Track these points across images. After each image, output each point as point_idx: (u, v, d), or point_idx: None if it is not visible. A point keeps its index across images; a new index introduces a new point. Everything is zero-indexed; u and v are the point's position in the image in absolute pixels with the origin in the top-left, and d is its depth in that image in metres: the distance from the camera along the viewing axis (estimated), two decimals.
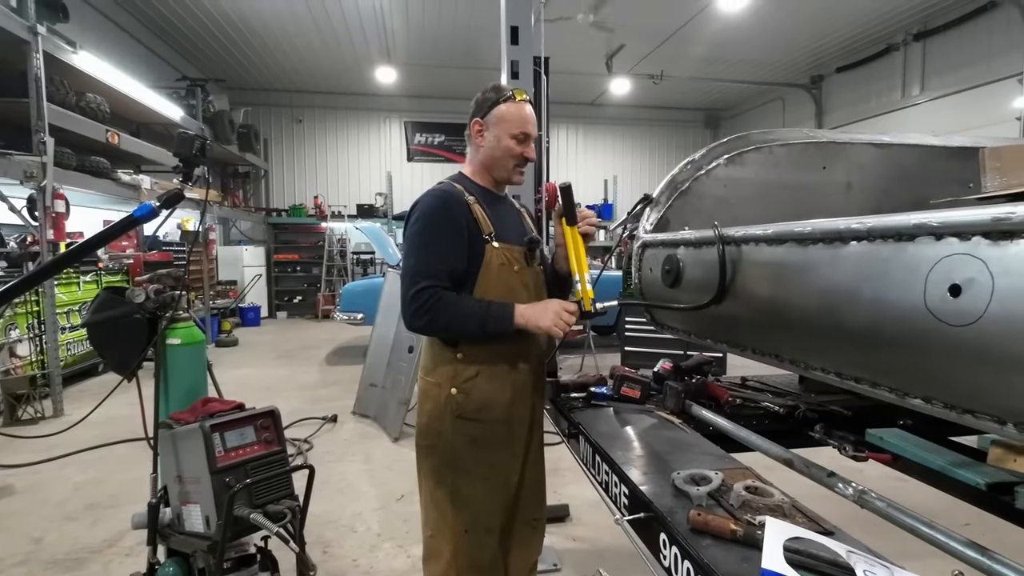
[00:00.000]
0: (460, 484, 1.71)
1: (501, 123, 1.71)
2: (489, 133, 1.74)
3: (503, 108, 1.71)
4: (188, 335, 2.31)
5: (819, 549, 0.94)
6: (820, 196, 1.88)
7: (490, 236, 1.69)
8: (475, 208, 1.69)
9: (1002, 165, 1.70)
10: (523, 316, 1.60)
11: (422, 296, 1.59)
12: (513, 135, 1.71)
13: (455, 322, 1.62)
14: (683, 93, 12.49)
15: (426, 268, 1.62)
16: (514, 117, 1.71)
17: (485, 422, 1.70)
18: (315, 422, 4.91)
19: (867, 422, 1.77)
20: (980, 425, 0.86)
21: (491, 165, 1.77)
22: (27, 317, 5.51)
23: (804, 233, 1.14)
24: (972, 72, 8.09)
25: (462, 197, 1.70)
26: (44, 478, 3.81)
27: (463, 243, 1.66)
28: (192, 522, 1.96)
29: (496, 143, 1.73)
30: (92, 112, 6.03)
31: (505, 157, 1.74)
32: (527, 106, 1.75)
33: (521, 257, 1.77)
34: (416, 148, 13.40)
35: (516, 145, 1.72)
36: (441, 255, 1.64)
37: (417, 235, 1.67)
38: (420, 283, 1.60)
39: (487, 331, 1.61)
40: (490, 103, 1.73)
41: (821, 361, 1.18)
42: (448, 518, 1.72)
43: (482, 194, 1.76)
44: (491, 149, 1.74)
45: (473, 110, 1.78)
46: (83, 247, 2.42)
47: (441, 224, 1.66)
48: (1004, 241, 0.76)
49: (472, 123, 1.77)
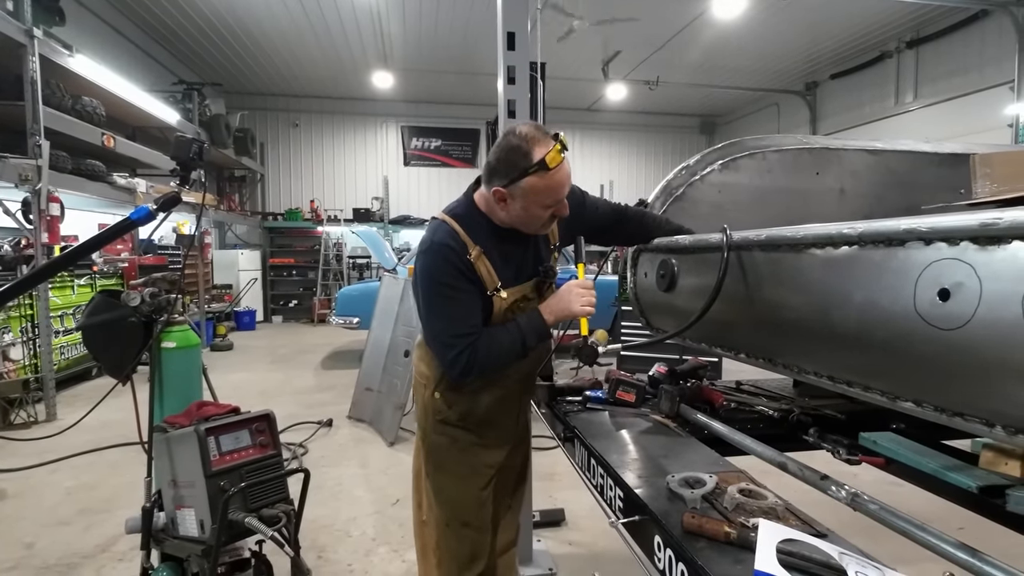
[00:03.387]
0: (440, 480, 1.78)
1: (531, 195, 1.46)
2: (516, 204, 1.49)
3: (534, 181, 1.43)
4: (183, 339, 2.30)
5: (812, 551, 0.95)
6: (814, 201, 1.90)
7: (497, 289, 1.59)
8: (479, 265, 1.55)
9: (992, 171, 1.72)
10: (552, 314, 1.59)
11: (461, 359, 1.52)
12: (546, 206, 1.49)
13: (500, 360, 1.58)
14: (679, 99, 12.55)
15: (452, 328, 1.55)
16: (549, 190, 1.45)
17: (465, 429, 1.75)
18: (310, 426, 4.89)
19: (860, 426, 1.78)
20: (969, 428, 0.87)
21: (519, 226, 1.58)
22: (20, 320, 5.47)
23: (797, 238, 1.15)
24: (964, 79, 8.16)
25: (465, 255, 1.52)
26: (36, 483, 3.78)
27: (476, 293, 1.57)
28: (186, 526, 1.96)
29: (524, 213, 1.51)
30: (88, 115, 6.02)
31: (535, 222, 1.55)
32: (564, 167, 1.46)
33: (532, 290, 1.69)
34: (413, 153, 13.42)
35: (547, 212, 1.51)
36: (461, 311, 1.55)
37: (430, 297, 1.56)
38: (453, 347, 1.53)
39: (531, 347, 1.60)
40: (518, 172, 1.43)
41: (814, 365, 1.20)
42: (433, 509, 1.80)
43: (490, 232, 1.59)
44: (518, 218, 1.53)
45: (493, 167, 1.49)
46: (80, 250, 2.42)
47: (451, 280, 1.53)
48: (991, 246, 0.78)
49: (493, 191, 1.50)
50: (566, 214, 1.57)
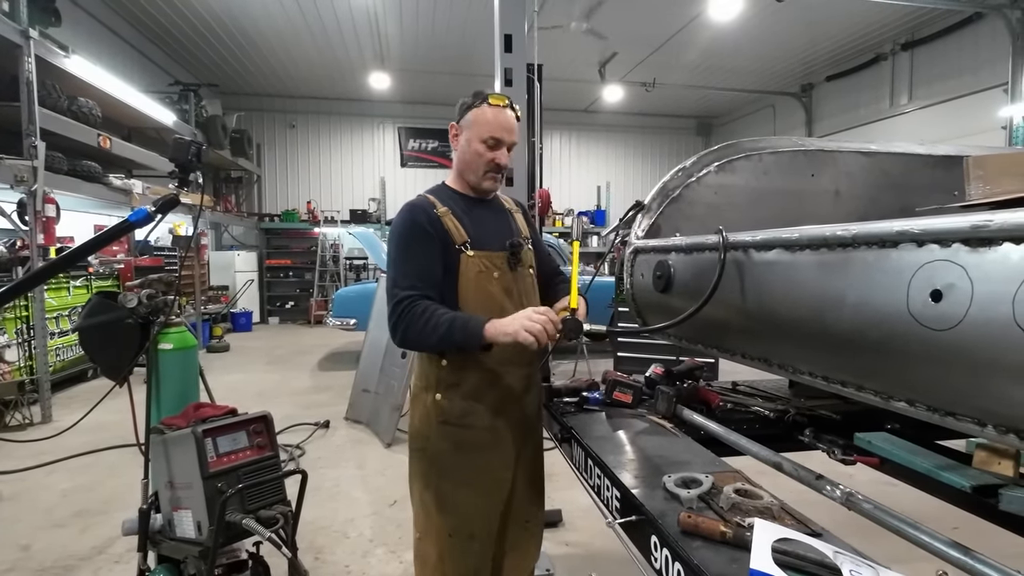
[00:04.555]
0: (445, 489, 1.71)
1: (473, 127, 1.68)
2: (462, 137, 1.71)
3: (476, 112, 1.68)
4: (180, 340, 2.30)
5: (807, 550, 0.96)
6: (809, 203, 1.91)
7: (464, 246, 1.66)
8: (446, 220, 1.66)
9: (985, 173, 1.74)
10: (494, 327, 1.52)
11: (397, 309, 1.58)
12: (483, 139, 1.67)
13: (423, 334, 1.56)
14: (675, 100, 12.58)
15: (403, 280, 1.61)
16: (486, 121, 1.66)
17: (470, 428, 1.70)
18: (307, 428, 4.89)
19: (856, 426, 1.80)
20: (962, 427, 0.88)
21: (463, 170, 1.75)
22: (16, 322, 5.45)
23: (792, 239, 1.16)
24: (959, 82, 8.21)
25: (431, 209, 1.67)
26: (32, 485, 3.77)
27: (435, 253, 1.64)
28: (183, 528, 1.95)
29: (467, 147, 1.70)
30: (84, 116, 6.00)
31: (475, 162, 1.70)
32: (505, 111, 1.69)
33: (503, 263, 1.73)
34: (410, 154, 13.41)
35: (486, 150, 1.68)
36: (416, 264, 1.63)
37: (392, 251, 1.67)
38: (396, 295, 1.59)
39: (454, 340, 1.55)
40: (466, 107, 1.70)
41: (809, 365, 1.20)
42: (434, 522, 1.73)
43: (460, 201, 1.74)
44: (463, 153, 1.72)
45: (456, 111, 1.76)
46: (78, 252, 2.40)
47: (410, 236, 1.64)
48: (983, 248, 0.79)
49: (450, 126, 1.75)
50: (505, 163, 1.72)
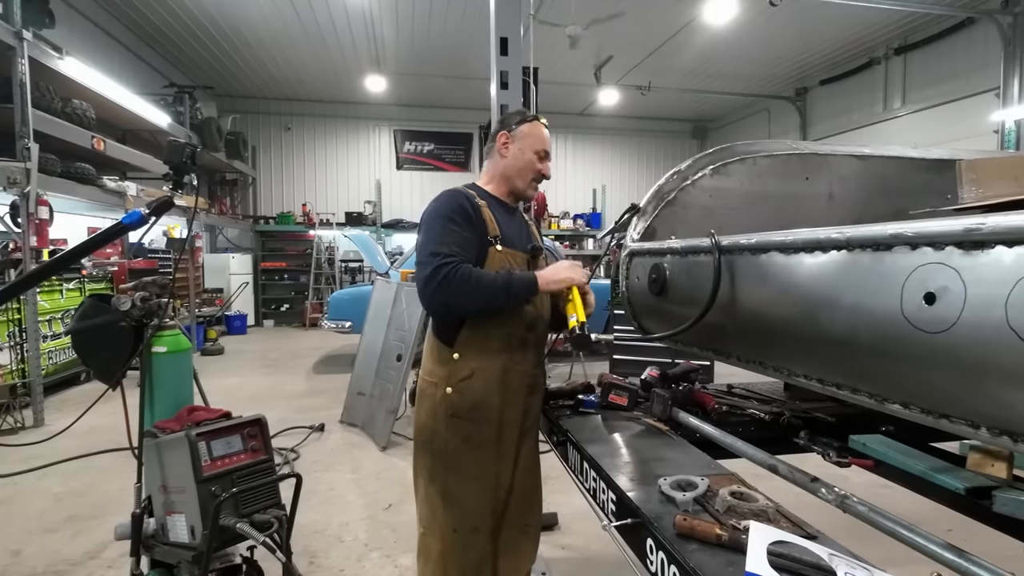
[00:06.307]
0: (451, 483, 1.77)
1: (526, 138, 1.87)
2: (514, 146, 1.88)
3: (530, 126, 1.89)
4: (174, 343, 2.29)
5: (802, 552, 0.96)
6: (803, 206, 1.92)
7: (495, 239, 1.77)
8: (485, 210, 1.78)
9: (978, 177, 1.74)
10: (543, 278, 1.68)
11: (441, 271, 1.60)
12: (536, 150, 1.88)
13: (480, 290, 1.62)
14: (671, 104, 12.62)
15: (444, 247, 1.65)
16: (539, 135, 1.89)
17: (477, 422, 1.75)
18: (302, 431, 4.86)
19: (850, 429, 1.80)
20: (955, 429, 0.89)
21: (512, 175, 1.90)
22: (8, 325, 5.41)
23: (786, 242, 1.16)
24: (951, 86, 8.27)
25: (474, 199, 1.79)
26: (23, 489, 3.73)
27: (473, 235, 1.73)
28: (177, 532, 1.94)
29: (520, 155, 1.88)
30: (78, 118, 5.97)
31: (527, 169, 1.89)
32: (546, 130, 1.92)
33: (523, 263, 1.85)
34: (405, 156, 13.40)
35: (537, 161, 1.89)
36: (459, 236, 1.70)
37: (431, 226, 1.72)
38: (438, 259, 1.61)
39: (515, 295, 1.66)
40: (517, 120, 1.90)
41: (803, 368, 1.21)
42: (438, 516, 1.78)
43: (494, 202, 1.86)
44: (515, 160, 1.88)
45: (498, 126, 1.94)
46: (72, 254, 2.39)
47: (454, 214, 1.73)
48: (975, 251, 0.79)
49: (499, 135, 1.91)
50: (548, 175, 1.92)
